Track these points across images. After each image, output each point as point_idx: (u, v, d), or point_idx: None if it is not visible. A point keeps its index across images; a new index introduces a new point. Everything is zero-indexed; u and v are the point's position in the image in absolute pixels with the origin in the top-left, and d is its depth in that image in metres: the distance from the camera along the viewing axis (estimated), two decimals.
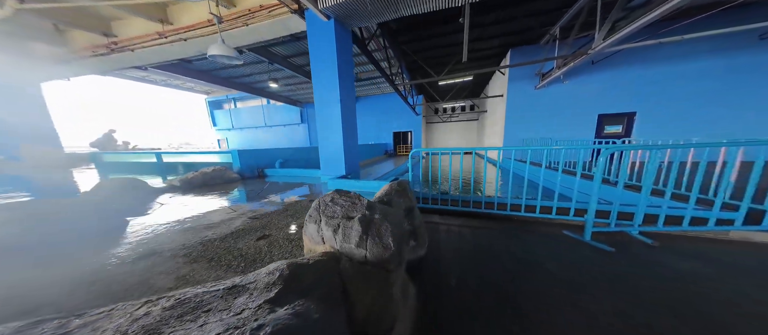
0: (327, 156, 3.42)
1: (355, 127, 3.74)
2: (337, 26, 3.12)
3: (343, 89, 3.25)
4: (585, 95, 6.87)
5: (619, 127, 6.75)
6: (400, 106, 13.15)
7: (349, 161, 3.48)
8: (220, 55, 2.75)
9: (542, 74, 7.16)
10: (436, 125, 18.42)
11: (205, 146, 19.87)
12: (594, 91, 6.76)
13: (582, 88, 6.87)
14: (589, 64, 6.59)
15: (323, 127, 3.41)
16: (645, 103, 6.29)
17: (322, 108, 3.33)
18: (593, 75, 6.67)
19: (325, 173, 3.46)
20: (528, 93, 7.69)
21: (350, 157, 3.50)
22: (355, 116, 3.69)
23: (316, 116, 3.38)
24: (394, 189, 1.70)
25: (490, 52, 7.95)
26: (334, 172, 3.42)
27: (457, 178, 7.21)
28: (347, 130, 3.43)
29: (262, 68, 9.17)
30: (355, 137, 3.69)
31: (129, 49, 3.89)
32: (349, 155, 3.48)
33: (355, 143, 3.68)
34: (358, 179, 3.01)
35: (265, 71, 9.38)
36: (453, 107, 16.75)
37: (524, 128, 7.95)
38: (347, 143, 3.42)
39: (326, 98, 3.25)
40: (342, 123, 3.27)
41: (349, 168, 3.48)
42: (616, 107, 6.62)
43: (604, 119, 6.88)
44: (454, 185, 5.89)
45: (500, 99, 9.11)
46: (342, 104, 3.23)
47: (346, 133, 3.37)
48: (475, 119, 16.92)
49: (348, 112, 3.45)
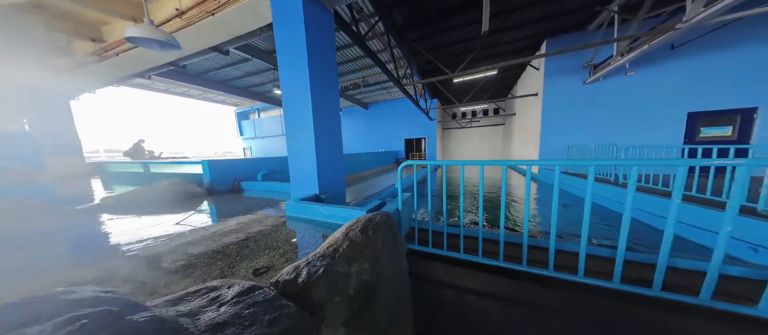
0: (297, 171, 2.63)
1: (337, 133, 2.90)
2: (309, 4, 2.39)
3: (318, 84, 2.47)
4: (663, 89, 5.08)
5: (728, 128, 4.76)
6: (412, 111, 12.18)
7: (326, 177, 2.63)
8: (140, 38, 2.22)
9: (594, 66, 5.59)
10: (453, 132, 16.90)
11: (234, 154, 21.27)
12: (677, 82, 4.95)
13: (658, 79, 5.10)
14: (666, 50, 4.88)
15: (291, 133, 2.64)
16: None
17: (290, 109, 2.58)
18: (674, 63, 4.90)
19: (296, 191, 2.67)
20: (573, 90, 6.10)
21: (327, 172, 2.66)
22: (337, 119, 2.87)
23: (284, 119, 2.64)
24: (365, 233, 0.78)
25: (520, 45, 6.61)
26: (305, 190, 2.60)
27: (475, 195, 5.85)
28: (323, 138, 2.61)
29: (271, 77, 9.17)
30: (336, 146, 2.85)
31: (114, 54, 3.77)
32: (326, 170, 2.64)
33: (335, 155, 2.83)
34: (330, 204, 2.12)
35: (272, 81, 9.35)
36: (473, 110, 15.19)
37: (569, 131, 6.29)
38: (323, 154, 2.58)
39: (293, 94, 2.50)
40: (314, 129, 2.46)
41: (326, 186, 2.63)
42: (719, 103, 4.69)
43: (699, 119, 4.95)
44: (472, 212, 4.59)
45: (534, 99, 7.57)
46: (314, 104, 2.44)
47: (320, 141, 2.55)
48: (500, 124, 15.04)
49: (325, 114, 2.64)
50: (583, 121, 6.04)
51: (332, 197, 2.69)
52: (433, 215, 3.97)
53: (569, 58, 5.97)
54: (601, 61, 5.23)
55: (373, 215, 1.26)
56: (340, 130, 2.96)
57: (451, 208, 4.26)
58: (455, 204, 4.55)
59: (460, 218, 1.60)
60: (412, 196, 2.01)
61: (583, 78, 5.90)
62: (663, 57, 4.95)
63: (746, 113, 4.55)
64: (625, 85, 5.40)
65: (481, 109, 15.02)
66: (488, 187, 6.65)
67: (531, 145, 7.85)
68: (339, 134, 2.93)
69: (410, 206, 2.11)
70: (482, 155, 15.99)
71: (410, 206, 2.11)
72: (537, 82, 7.10)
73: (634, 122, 5.45)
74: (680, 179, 1.02)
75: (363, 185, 6.68)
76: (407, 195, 1.97)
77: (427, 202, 5.04)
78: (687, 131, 5.04)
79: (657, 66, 5.04)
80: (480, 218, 1.53)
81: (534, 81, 7.45)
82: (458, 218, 3.25)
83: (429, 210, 1.60)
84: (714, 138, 4.83)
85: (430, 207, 1.63)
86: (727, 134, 4.75)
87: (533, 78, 7.55)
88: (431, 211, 2.42)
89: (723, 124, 4.77)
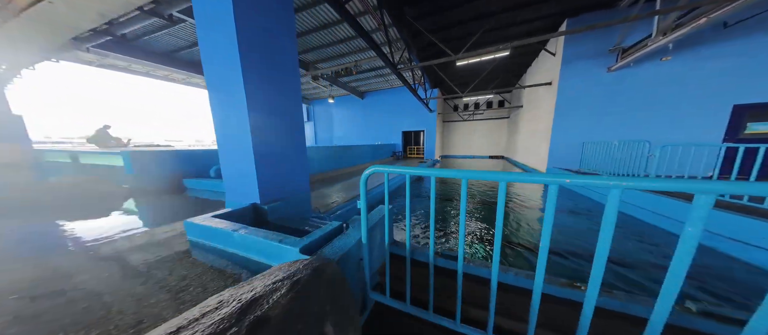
0: (230, 170, 1.93)
1: (296, 120, 2.17)
2: None
3: (252, 59, 1.72)
4: (706, 76, 4.24)
5: None
6: (411, 102, 11.30)
7: (273, 180, 1.93)
8: None
9: (622, 50, 4.72)
10: (455, 125, 16.03)
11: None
12: (725, 68, 4.10)
13: (700, 65, 4.25)
14: (717, 31, 4.00)
15: (220, 123, 1.91)
16: None
17: (216, 92, 1.84)
18: (723, 45, 4.03)
19: (231, 199, 1.98)
20: (594, 78, 5.26)
21: (276, 173, 1.96)
22: (294, 102, 2.13)
23: (208, 92, 1.89)
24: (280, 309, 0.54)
25: (534, 26, 5.69)
26: (241, 198, 1.91)
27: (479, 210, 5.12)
28: (268, 125, 1.88)
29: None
30: (293, 137, 2.13)
31: (14, 11, 2.96)
32: (273, 170, 1.93)
33: (291, 149, 2.11)
34: (253, 230, 1.42)
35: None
36: (476, 102, 14.25)
37: (587, 126, 5.51)
38: (266, 148, 1.87)
39: (218, 73, 1.76)
40: (249, 118, 1.73)
41: (273, 192, 1.94)
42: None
43: (749, 112, 4.15)
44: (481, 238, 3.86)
45: (546, 90, 6.72)
46: (249, 77, 1.70)
47: (262, 129, 1.83)
48: (505, 117, 14.15)
49: (270, 93, 1.90)
50: (605, 114, 5.24)
51: (285, 206, 2.00)
52: (422, 242, 2.91)
53: (592, 41, 5.09)
54: (634, 45, 4.37)
55: (303, 267, 0.58)
56: (301, 116, 2.23)
57: (448, 231, 3.24)
58: (453, 223, 3.54)
59: (458, 253, 0.91)
60: (383, 218, 1.32)
61: (608, 64, 5.05)
62: (711, 38, 4.09)
63: None
64: (659, 72, 4.56)
65: (485, 101, 14.07)
66: (491, 196, 5.95)
67: (540, 140, 7.09)
68: (299, 122, 2.20)
69: (382, 232, 1.42)
70: (485, 151, 15.22)
71: (382, 232, 1.42)
72: (552, 70, 6.23)
73: (667, 115, 4.65)
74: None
75: (354, 180, 6.01)
76: (374, 220, 1.28)
77: (413, 222, 4.36)
78: (730, 126, 4.25)
79: (702, 49, 4.18)
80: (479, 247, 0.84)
81: (548, 69, 6.57)
82: (456, 244, 2.48)
83: (407, 243, 0.97)
84: (762, 135, 4.06)
85: (408, 237, 0.97)
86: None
87: (548, 65, 6.66)
88: (410, 242, 1.87)
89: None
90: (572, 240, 2.73)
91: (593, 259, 0.59)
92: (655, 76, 4.61)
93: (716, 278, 1.91)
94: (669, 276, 0.53)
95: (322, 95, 13.20)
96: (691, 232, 0.50)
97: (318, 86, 9.89)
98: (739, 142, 4.17)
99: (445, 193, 5.50)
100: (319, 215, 2.60)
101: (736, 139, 4.22)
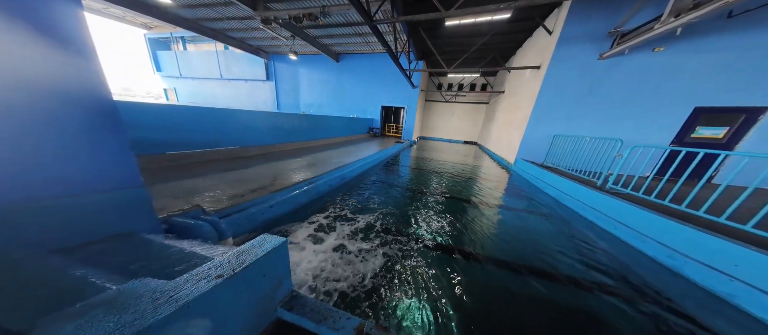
0: None
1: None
2: None
3: None
4: (690, 73, 4.11)
5: (722, 130, 4.22)
6: (394, 73, 9.97)
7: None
8: None
9: (621, 35, 4.30)
10: (436, 105, 15.35)
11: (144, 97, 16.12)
12: (704, 66, 4.01)
13: (686, 60, 4.10)
14: (721, 21, 3.74)
15: None
16: None
17: None
18: (721, 39, 3.82)
19: None
20: (584, 65, 4.88)
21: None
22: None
23: None
24: None
25: None
26: None
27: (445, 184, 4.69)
28: None
29: None
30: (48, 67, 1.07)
31: None
32: None
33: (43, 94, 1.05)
34: None
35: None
36: (461, 83, 13.57)
37: (566, 117, 5.32)
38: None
39: None
40: None
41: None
42: (736, 98, 3.95)
43: (703, 116, 4.27)
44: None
45: (532, 75, 6.27)
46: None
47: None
48: (485, 102, 13.94)
49: None
50: (587, 105, 5.04)
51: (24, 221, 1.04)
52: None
53: (595, 20, 4.54)
54: (637, 27, 3.94)
55: None
56: (81, 29, 1.20)
57: (404, 232, 2.61)
58: (414, 226, 2.73)
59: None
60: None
61: (601, 51, 4.66)
62: (708, 29, 3.85)
63: (752, 112, 3.97)
64: (648, 64, 4.34)
65: (470, 82, 13.46)
66: (455, 169, 5.64)
67: (515, 129, 6.90)
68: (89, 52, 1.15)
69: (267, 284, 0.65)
70: (463, 134, 15.18)
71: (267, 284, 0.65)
72: (544, 52, 5.68)
73: (641, 112, 4.62)
74: None
75: (319, 156, 4.99)
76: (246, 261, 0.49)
77: (366, 220, 3.72)
78: (682, 129, 4.42)
79: (694, 42, 3.97)
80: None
81: (540, 50, 6.01)
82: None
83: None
84: (704, 139, 4.33)
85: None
86: (718, 136, 4.26)
87: (540, 46, 6.08)
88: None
89: (720, 124, 4.19)
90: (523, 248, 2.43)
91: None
92: (642, 69, 4.40)
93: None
94: None
95: (283, 49, 10.74)
96: None
97: (276, 36, 7.73)
98: (682, 145, 4.40)
99: (418, 182, 4.95)
100: (178, 221, 1.71)
101: (682, 142, 4.45)
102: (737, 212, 2.00)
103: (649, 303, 1.74)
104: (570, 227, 3.00)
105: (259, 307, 1.03)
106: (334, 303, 1.54)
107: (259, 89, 12.49)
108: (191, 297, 0.73)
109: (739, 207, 1.99)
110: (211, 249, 1.16)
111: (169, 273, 0.98)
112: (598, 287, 1.87)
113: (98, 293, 0.74)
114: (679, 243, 2.17)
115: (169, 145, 3.23)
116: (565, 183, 3.96)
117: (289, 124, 5.73)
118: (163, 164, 3.12)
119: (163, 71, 13.59)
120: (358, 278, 1.79)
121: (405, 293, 1.68)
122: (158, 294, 0.73)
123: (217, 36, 9.10)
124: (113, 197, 1.24)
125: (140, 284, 0.78)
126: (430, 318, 1.47)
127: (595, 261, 2.24)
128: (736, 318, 1.64)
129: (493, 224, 2.97)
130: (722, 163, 4.15)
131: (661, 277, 2.08)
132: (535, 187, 4.87)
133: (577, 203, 3.52)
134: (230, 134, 4.14)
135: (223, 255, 0.99)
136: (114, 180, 1.24)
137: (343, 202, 3.26)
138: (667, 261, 2.21)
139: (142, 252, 1.15)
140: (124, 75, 19.43)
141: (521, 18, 6.18)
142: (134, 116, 2.82)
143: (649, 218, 2.44)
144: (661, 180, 2.78)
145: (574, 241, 2.59)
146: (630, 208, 2.66)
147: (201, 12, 7.56)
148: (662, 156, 2.92)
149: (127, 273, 0.97)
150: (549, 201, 4.01)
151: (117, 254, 1.11)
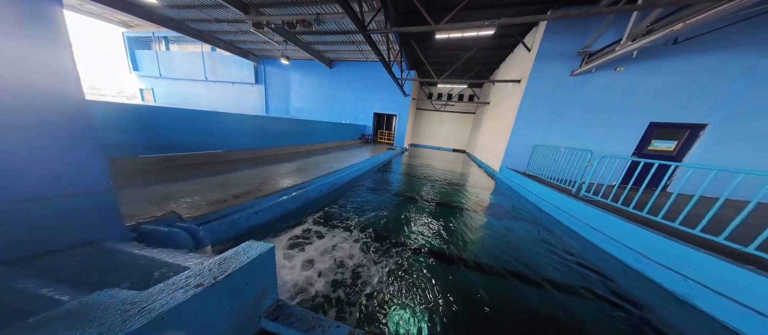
0: None
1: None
2: None
3: None
4: (645, 92, 4.67)
5: (673, 143, 4.78)
6: (387, 82, 10.25)
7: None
8: None
9: (589, 54, 4.81)
10: (426, 114, 15.85)
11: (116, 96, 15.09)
12: (661, 86, 4.57)
13: (639, 80, 4.65)
14: (668, 46, 4.32)
15: None
16: (729, 110, 4.14)
17: None
18: (667, 63, 4.40)
19: None
20: (558, 80, 5.35)
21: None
22: None
23: None
24: None
25: (520, 10, 5.28)
26: None
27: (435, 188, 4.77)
28: None
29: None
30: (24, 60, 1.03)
31: None
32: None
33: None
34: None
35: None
36: (449, 93, 14.19)
37: (544, 128, 5.73)
38: None
39: None
40: None
41: None
42: (681, 115, 4.54)
43: (657, 130, 4.84)
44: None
45: (514, 88, 6.74)
46: None
47: None
48: (472, 112, 14.63)
49: None
50: (562, 118, 5.49)
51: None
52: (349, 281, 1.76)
53: (569, 40, 5.04)
54: (601, 48, 4.44)
55: None
56: (68, 40, 1.32)
57: (393, 241, 2.61)
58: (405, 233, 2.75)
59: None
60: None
61: (573, 68, 5.16)
62: (658, 54, 4.43)
63: (694, 128, 4.56)
64: (611, 82, 4.86)
65: (458, 92, 14.11)
66: (445, 176, 5.81)
67: (499, 139, 7.31)
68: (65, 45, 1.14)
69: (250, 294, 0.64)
70: (452, 143, 15.70)
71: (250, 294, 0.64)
72: (523, 67, 6.16)
73: (605, 125, 5.12)
74: None
75: (310, 161, 4.92)
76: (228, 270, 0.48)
77: (355, 221, 3.73)
78: (641, 141, 4.95)
79: (647, 64, 4.53)
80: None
81: (520, 65, 6.51)
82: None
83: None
84: (658, 152, 4.86)
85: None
86: (669, 149, 4.82)
87: (520, 61, 6.60)
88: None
89: (671, 138, 4.76)
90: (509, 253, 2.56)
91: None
92: (606, 86, 4.92)
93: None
94: None
95: (274, 53, 10.69)
96: None
97: (268, 40, 7.71)
98: (641, 157, 4.91)
99: (409, 187, 5.03)
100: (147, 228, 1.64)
101: (641, 154, 4.96)
102: (688, 217, 2.24)
103: (619, 309, 1.89)
104: (550, 232, 3.18)
105: (242, 317, 0.98)
106: (323, 310, 1.51)
107: (248, 92, 12.21)
108: (166, 308, 0.68)
109: (689, 213, 2.24)
110: (186, 259, 1.07)
111: (138, 285, 0.91)
112: (571, 289, 2.00)
113: (54, 307, 0.66)
114: (642, 246, 2.35)
115: (145, 147, 3.05)
116: (545, 191, 4.23)
117: (278, 127, 5.64)
118: (137, 167, 2.94)
119: (140, 71, 12.89)
120: (348, 283, 1.77)
121: (396, 299, 1.69)
122: (128, 306, 0.67)
123: (205, 38, 8.89)
124: (74, 203, 1.10)
125: (106, 295, 0.71)
126: (420, 324, 1.49)
127: (571, 264, 2.40)
128: (687, 317, 1.83)
129: (479, 229, 3.08)
130: (674, 173, 4.65)
131: (630, 278, 2.24)
132: (518, 194, 5.14)
133: (556, 210, 3.76)
134: (214, 137, 3.99)
135: (202, 264, 0.92)
136: (76, 184, 1.11)
137: (333, 207, 3.24)
138: (634, 264, 2.41)
139: (106, 263, 1.06)
140: (93, 73, 18.05)
141: (504, 35, 6.69)
142: (107, 116, 2.66)
143: (617, 224, 2.65)
144: (626, 188, 3.07)
145: (551, 246, 2.75)
146: (601, 214, 2.87)
147: (189, 13, 7.38)
148: (626, 166, 3.23)
149: (87, 285, 0.90)
150: (531, 208, 4.25)
151: (75, 265, 1.01)
